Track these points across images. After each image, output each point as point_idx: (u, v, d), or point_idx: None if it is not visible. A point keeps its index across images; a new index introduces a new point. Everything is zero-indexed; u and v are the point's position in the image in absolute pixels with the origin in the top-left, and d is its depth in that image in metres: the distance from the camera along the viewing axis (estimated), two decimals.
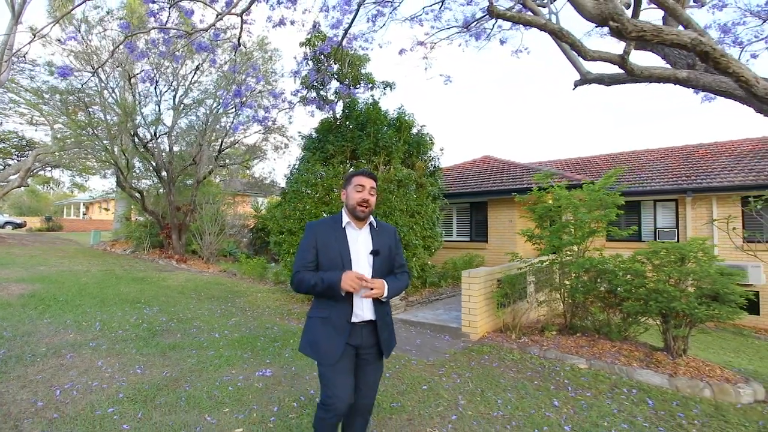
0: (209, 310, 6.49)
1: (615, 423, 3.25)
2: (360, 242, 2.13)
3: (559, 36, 4.03)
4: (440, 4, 7.24)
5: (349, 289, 1.95)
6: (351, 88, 9.67)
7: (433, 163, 8.55)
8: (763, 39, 6.43)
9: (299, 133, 8.77)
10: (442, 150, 8.99)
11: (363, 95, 9.48)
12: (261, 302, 7.39)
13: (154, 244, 14.31)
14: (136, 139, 12.73)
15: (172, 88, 13.03)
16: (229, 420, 2.92)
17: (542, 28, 4.11)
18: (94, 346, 4.44)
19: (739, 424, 3.30)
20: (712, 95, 4.69)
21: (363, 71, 9.88)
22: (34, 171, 19.66)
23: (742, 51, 6.86)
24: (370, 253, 2.12)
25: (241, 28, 6.19)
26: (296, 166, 8.00)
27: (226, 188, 15.77)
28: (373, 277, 2.08)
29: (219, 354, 4.34)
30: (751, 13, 5.75)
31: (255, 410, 3.08)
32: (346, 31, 6.23)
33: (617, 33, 2.98)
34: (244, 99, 10.40)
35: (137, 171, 14.46)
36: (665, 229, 11.73)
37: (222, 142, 13.92)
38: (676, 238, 11.31)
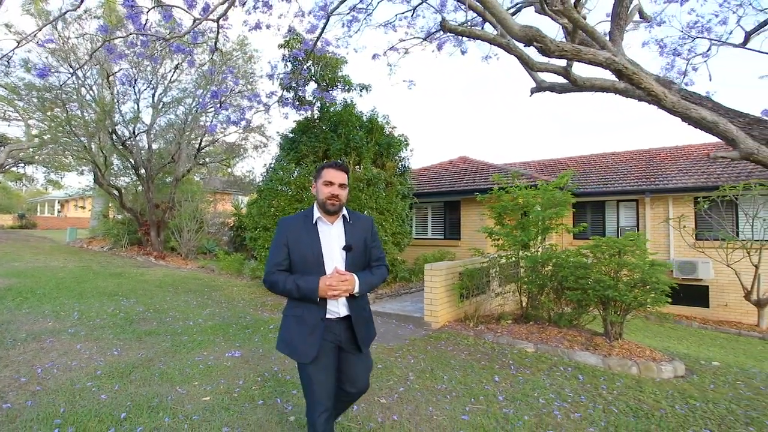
0: (185, 302, 6.76)
1: (544, 393, 3.70)
2: (332, 237, 2.08)
3: (507, 49, 4.45)
4: (412, 11, 7.65)
5: (329, 296, 1.97)
6: (328, 89, 10.01)
7: (403, 163, 8.97)
8: (701, 54, 7.06)
9: (278, 132, 9.07)
10: (412, 151, 9.42)
11: (339, 96, 9.83)
12: (236, 295, 7.69)
13: (132, 241, 14.35)
14: (114, 137, 12.79)
15: (152, 86, 13.13)
16: (198, 391, 3.26)
17: (491, 42, 4.51)
18: (73, 333, 4.69)
19: (650, 393, 3.79)
20: None
21: (340, 74, 10.24)
22: (6, 167, 19.36)
23: (687, 63, 7.48)
24: (343, 248, 2.07)
25: (218, 32, 6.46)
26: (272, 165, 8.32)
27: (206, 186, 15.90)
28: None
29: (192, 339, 4.66)
30: (681, 31, 6.32)
31: (222, 384, 3.42)
32: (317, 38, 6.56)
33: (542, 51, 3.43)
34: (222, 99, 10.61)
35: (115, 168, 14.48)
36: (627, 228, 12.41)
37: (201, 140, 14.08)
38: None
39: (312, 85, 10.01)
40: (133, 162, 13.30)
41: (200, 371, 3.68)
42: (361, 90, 10.29)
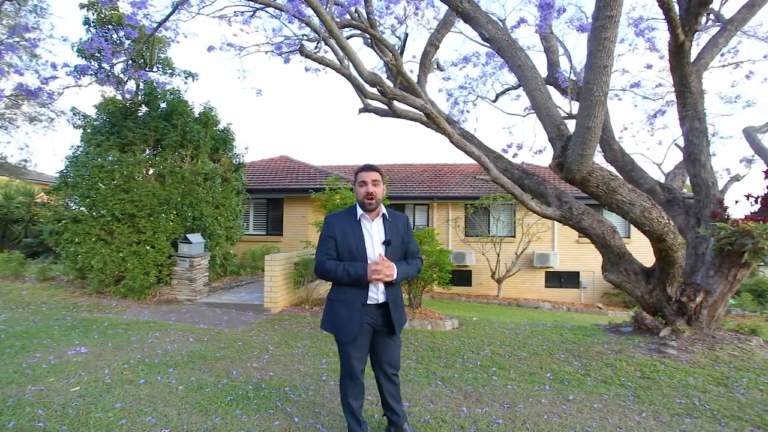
0: None
1: None
2: (374, 232, 2.35)
3: (349, 79, 5.53)
4: (252, 13, 8.00)
5: (373, 280, 2.24)
6: (145, 69, 9.19)
7: (237, 159, 9.13)
8: (472, 102, 9.79)
9: (74, 109, 7.56)
10: (246, 148, 9.62)
11: (161, 79, 9.10)
12: (32, 299, 6.50)
13: None
14: None
15: None
16: (60, 385, 3.16)
17: (338, 71, 5.53)
18: None
19: (439, 337, 5.49)
20: None
21: (162, 55, 9.56)
22: None
23: (465, 106, 10.14)
24: (383, 243, 2.35)
25: None
26: (83, 149, 7.26)
27: None
28: None
29: (7, 345, 4.08)
30: (460, 86, 8.75)
31: (84, 376, 3.36)
32: (159, 24, 6.28)
33: (381, 93, 4.64)
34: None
35: None
36: (420, 226, 15.41)
37: None
38: None
39: (124, 62, 9.00)
40: None
41: (46, 370, 3.45)
42: (186, 77, 9.82)
